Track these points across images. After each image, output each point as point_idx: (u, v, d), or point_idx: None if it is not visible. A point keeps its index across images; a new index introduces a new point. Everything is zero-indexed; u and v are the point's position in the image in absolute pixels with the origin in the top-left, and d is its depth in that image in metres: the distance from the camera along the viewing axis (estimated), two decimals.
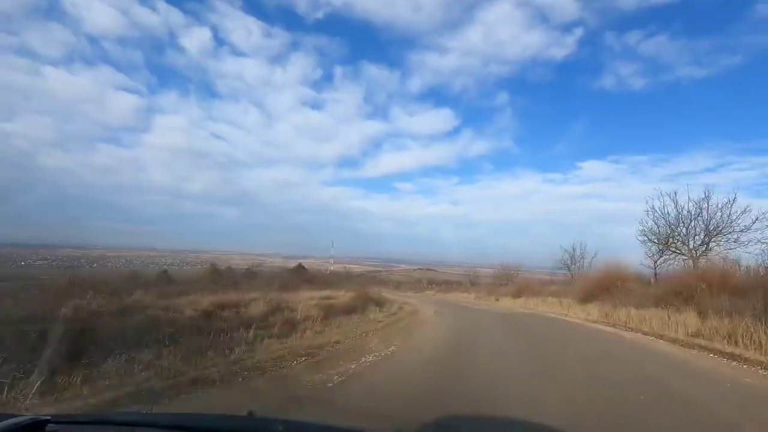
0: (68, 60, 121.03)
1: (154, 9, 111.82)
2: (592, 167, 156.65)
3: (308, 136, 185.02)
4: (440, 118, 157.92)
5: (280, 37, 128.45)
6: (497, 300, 30.92)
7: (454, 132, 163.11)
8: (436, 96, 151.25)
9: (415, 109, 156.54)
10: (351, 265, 79.00)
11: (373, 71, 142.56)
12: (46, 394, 4.28)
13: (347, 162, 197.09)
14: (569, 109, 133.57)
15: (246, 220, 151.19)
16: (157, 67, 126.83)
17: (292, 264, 43.80)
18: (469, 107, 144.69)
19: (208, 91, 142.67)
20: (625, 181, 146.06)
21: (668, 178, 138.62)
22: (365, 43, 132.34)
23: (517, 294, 30.07)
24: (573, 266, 31.25)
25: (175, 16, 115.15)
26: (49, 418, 1.51)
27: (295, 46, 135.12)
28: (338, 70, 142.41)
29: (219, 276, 21.86)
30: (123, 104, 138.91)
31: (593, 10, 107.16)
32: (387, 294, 27.89)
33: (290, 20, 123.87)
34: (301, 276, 28.62)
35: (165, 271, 23.57)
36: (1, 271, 29.95)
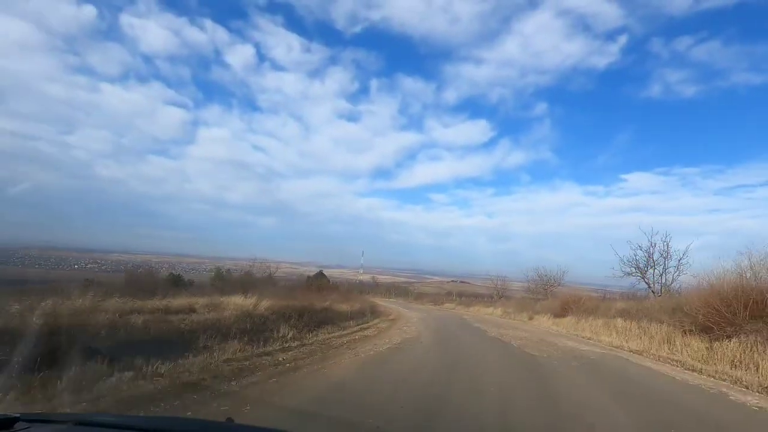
0: (124, 77, 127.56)
1: (202, 28, 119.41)
2: (637, 179, 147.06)
3: (344, 148, 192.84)
4: (476, 129, 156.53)
5: (319, 51, 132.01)
6: (531, 319, 21.13)
7: (490, 143, 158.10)
8: (471, 107, 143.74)
9: (450, 120, 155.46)
10: (382, 276, 79.17)
11: (409, 83, 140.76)
12: None
13: (382, 173, 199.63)
14: (613, 119, 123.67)
15: (282, 229, 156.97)
16: (203, 82, 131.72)
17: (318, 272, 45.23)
18: (506, 118, 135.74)
19: (249, 104, 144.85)
20: (675, 194, 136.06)
21: (723, 191, 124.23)
22: (401, 56, 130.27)
23: (561, 311, 20.10)
24: (653, 276, 20.64)
25: (221, 34, 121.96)
26: (18, 416, 1.56)
27: (333, 60, 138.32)
28: (374, 83, 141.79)
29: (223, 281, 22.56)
30: (171, 118, 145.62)
31: (639, 17, 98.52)
32: (389, 306, 24.91)
33: (329, 35, 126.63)
34: (315, 284, 26.44)
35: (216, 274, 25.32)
36: (50, 272, 28.80)
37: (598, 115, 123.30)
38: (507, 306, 28.42)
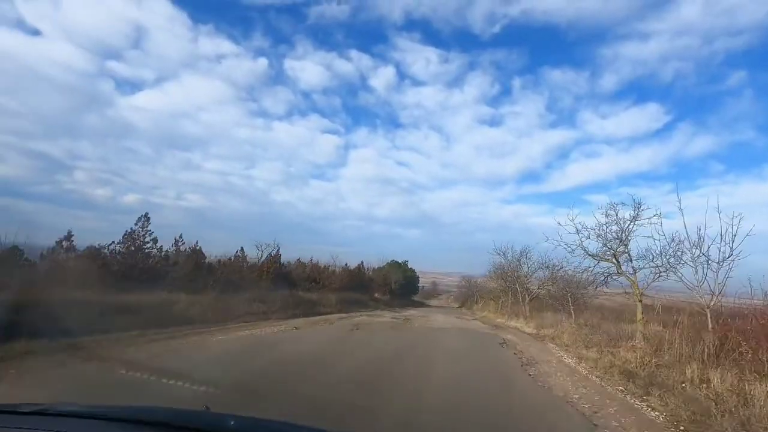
0: (289, 114, 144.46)
1: (348, 59, 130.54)
2: None
3: (486, 154, 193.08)
4: (644, 116, 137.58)
5: (457, 60, 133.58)
6: None
7: (665, 129, 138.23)
8: (637, 91, 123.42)
9: (608, 110, 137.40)
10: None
11: (556, 76, 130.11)
12: None
13: (528, 177, 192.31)
14: None
15: (427, 240, 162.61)
16: (351, 108, 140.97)
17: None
18: (685, 97, 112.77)
19: (392, 122, 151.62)
20: None
21: None
22: (546, 48, 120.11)
23: None
24: None
25: (365, 61, 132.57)
26: None
27: (471, 65, 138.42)
28: (516, 82, 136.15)
29: None
30: (327, 144, 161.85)
31: None
32: None
33: (466, 41, 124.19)
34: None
35: None
36: None
37: None
38: None
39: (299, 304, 18.71)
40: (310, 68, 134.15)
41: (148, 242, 15.71)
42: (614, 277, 12.87)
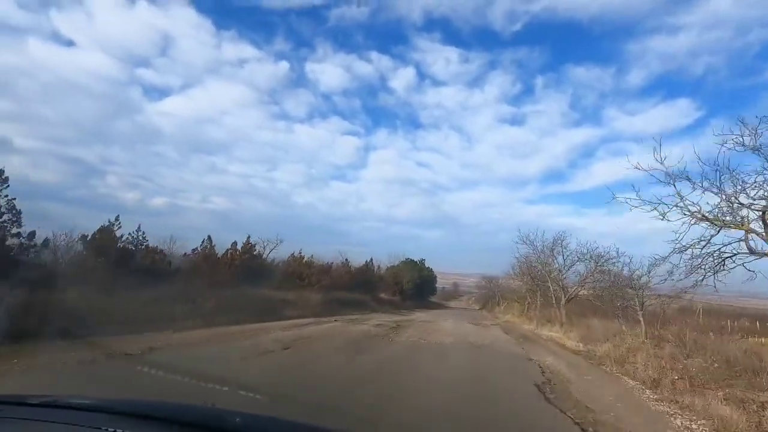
0: (310, 116, 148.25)
1: (368, 60, 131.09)
2: None
3: (508, 154, 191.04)
4: (674, 112, 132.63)
5: (478, 59, 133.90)
6: None
7: (696, 125, 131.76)
8: (666, 86, 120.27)
9: (636, 106, 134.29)
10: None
11: (580, 73, 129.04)
12: None
13: (552, 176, 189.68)
14: None
15: (448, 241, 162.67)
16: (371, 109, 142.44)
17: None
18: (718, 91, 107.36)
19: (412, 123, 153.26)
20: None
21: None
22: (570, 45, 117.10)
23: None
24: None
25: (385, 62, 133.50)
26: None
27: (492, 65, 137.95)
28: (539, 81, 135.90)
29: None
30: (347, 146, 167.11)
31: None
32: None
33: (486, 40, 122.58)
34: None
35: None
36: None
37: None
38: None
39: (252, 304, 13.74)
40: (330, 70, 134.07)
41: None
42: (739, 258, 7.19)
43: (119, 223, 13.95)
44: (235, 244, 20.03)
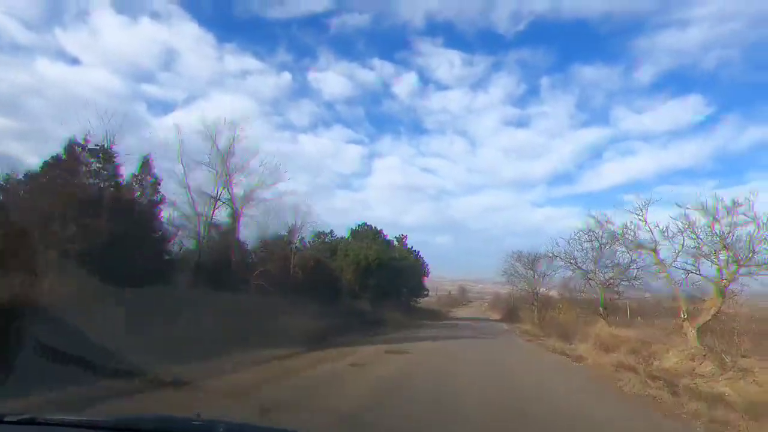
0: (313, 126, 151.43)
1: (371, 67, 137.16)
2: None
3: (514, 157, 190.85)
4: (684, 108, 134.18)
5: (482, 62, 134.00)
6: None
7: (708, 122, 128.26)
8: (676, 82, 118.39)
9: (644, 104, 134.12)
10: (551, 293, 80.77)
11: (587, 72, 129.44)
12: None
13: (560, 178, 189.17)
14: None
15: (456, 246, 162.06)
16: (374, 117, 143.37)
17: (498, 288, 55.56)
18: (731, 86, 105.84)
19: (416, 128, 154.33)
20: None
21: None
22: (576, 44, 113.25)
23: None
24: None
25: (388, 68, 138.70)
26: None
27: (496, 66, 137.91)
28: (544, 81, 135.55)
29: None
30: (351, 154, 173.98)
31: None
32: None
33: (490, 42, 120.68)
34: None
35: None
36: None
37: None
38: None
39: None
40: (332, 79, 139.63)
41: None
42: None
43: None
44: None
